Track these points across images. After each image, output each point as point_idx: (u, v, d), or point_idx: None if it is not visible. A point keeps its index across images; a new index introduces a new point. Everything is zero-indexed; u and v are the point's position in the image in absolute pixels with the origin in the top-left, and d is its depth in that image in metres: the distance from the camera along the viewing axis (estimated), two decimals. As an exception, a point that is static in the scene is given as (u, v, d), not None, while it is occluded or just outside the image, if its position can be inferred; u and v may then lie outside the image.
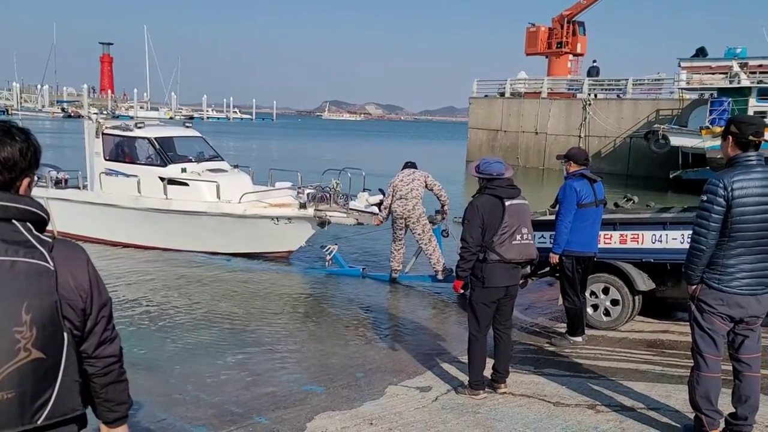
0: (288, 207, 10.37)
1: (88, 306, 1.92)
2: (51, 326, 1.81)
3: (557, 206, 6.42)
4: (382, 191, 10.15)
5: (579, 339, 6.41)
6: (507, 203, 4.85)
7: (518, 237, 4.85)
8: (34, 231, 1.86)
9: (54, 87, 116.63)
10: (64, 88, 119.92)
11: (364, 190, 10.42)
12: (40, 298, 1.79)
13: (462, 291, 5.34)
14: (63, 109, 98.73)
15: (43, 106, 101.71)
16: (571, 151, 6.54)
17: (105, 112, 13.70)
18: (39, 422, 1.83)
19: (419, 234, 8.97)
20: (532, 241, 5.00)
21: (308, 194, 10.23)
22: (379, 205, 9.91)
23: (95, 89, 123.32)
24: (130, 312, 7.84)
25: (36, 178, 2.01)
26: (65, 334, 1.85)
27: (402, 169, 9.32)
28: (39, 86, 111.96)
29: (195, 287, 9.17)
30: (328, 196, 10.16)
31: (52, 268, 1.83)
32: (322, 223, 10.19)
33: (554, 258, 6.27)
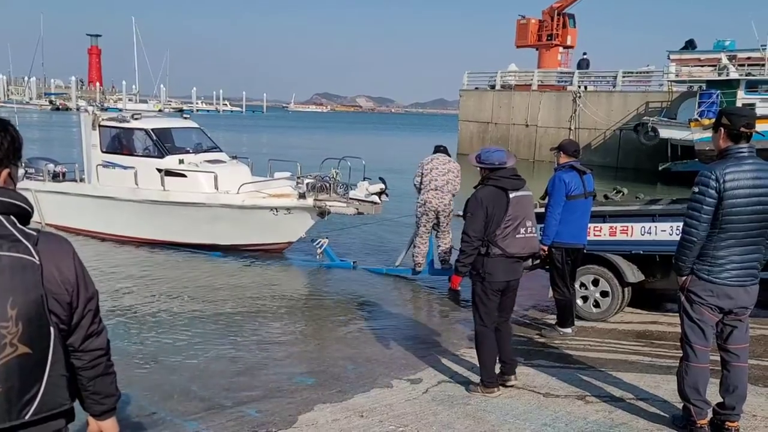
0: (287, 197, 10.22)
1: (74, 299, 1.90)
2: (37, 321, 1.80)
3: (546, 198, 6.44)
4: (382, 180, 10.04)
5: (569, 330, 6.43)
6: (511, 195, 4.68)
7: (522, 230, 4.70)
8: (18, 224, 1.84)
9: (42, 79, 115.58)
10: (51, 81, 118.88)
11: (364, 179, 10.24)
12: (25, 292, 1.77)
13: (456, 288, 5.24)
14: (51, 102, 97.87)
15: (31, 99, 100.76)
16: (563, 142, 6.56)
17: (94, 105, 13.57)
18: (26, 417, 1.81)
19: (444, 225, 8.79)
20: (535, 234, 4.85)
21: (307, 184, 10.05)
22: (379, 193, 9.77)
23: (83, 81, 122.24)
24: (120, 305, 7.79)
25: (24, 171, 1.99)
26: (51, 329, 1.84)
27: (434, 153, 8.87)
28: (26, 78, 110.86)
29: (186, 281, 9.13)
30: (327, 185, 9.97)
31: (38, 262, 1.81)
32: (322, 213, 10.02)
33: (543, 249, 6.24)
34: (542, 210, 6.66)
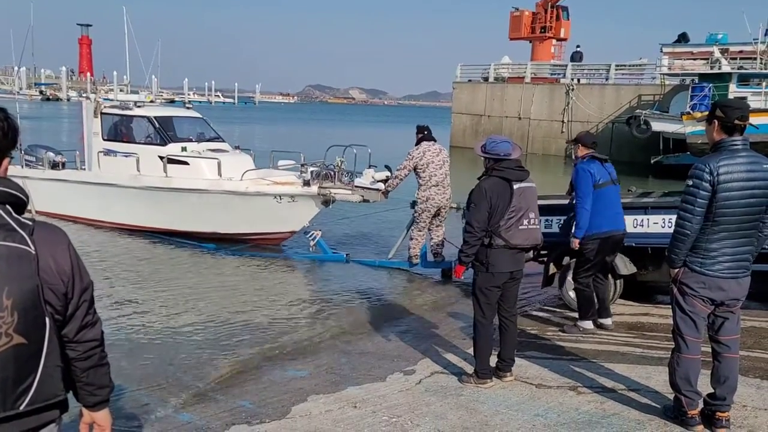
0: (291, 185, 10.05)
1: (69, 290, 1.90)
2: (32, 311, 1.79)
3: (573, 191, 6.27)
4: (388, 167, 9.91)
5: (589, 324, 6.26)
6: (515, 186, 4.66)
7: (525, 222, 4.69)
8: (13, 214, 1.83)
9: (32, 69, 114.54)
10: (42, 71, 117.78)
11: (369, 166, 10.14)
12: (20, 282, 1.76)
13: (459, 278, 5.20)
14: (41, 92, 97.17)
15: (21, 89, 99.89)
16: (579, 135, 6.47)
17: (84, 95, 13.50)
18: (21, 408, 1.81)
19: (441, 218, 8.75)
20: (538, 226, 4.86)
21: (312, 172, 9.90)
22: (385, 181, 9.63)
23: (74, 72, 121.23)
24: (114, 296, 7.77)
25: (11, 158, 1.97)
26: (47, 319, 1.83)
27: (420, 140, 8.70)
28: (16, 68, 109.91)
29: (180, 272, 9.11)
30: (332, 173, 9.79)
31: (33, 252, 1.80)
32: (327, 201, 9.85)
33: (575, 243, 6.10)
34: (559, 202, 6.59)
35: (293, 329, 6.73)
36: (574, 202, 6.24)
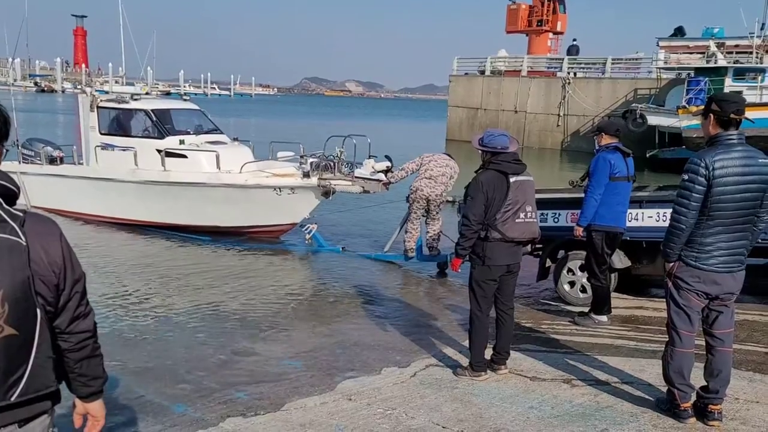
0: (291, 176, 9.97)
1: (61, 281, 1.89)
2: (24, 302, 1.78)
3: (587, 179, 6.18)
4: (388, 158, 9.88)
5: (604, 318, 6.22)
6: (512, 179, 4.67)
7: (522, 215, 4.69)
8: (4, 205, 1.81)
9: (26, 61, 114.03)
10: (36, 62, 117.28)
11: (369, 156, 10.08)
12: (11, 273, 1.76)
13: (456, 271, 5.20)
14: (36, 84, 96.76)
15: (15, 80, 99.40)
16: (601, 123, 6.37)
17: (79, 87, 13.43)
18: (12, 399, 1.81)
19: (434, 213, 8.80)
20: (535, 220, 4.85)
21: (311, 163, 9.81)
22: (385, 171, 9.60)
23: (69, 63, 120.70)
24: (109, 287, 7.76)
25: (6, 151, 1.96)
26: (38, 310, 1.82)
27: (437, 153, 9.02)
28: (10, 60, 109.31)
29: (176, 265, 9.10)
30: (332, 164, 9.71)
31: (24, 243, 1.79)
32: (327, 192, 9.79)
33: (579, 231, 6.05)
34: (572, 196, 6.54)
35: (288, 322, 6.73)
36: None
